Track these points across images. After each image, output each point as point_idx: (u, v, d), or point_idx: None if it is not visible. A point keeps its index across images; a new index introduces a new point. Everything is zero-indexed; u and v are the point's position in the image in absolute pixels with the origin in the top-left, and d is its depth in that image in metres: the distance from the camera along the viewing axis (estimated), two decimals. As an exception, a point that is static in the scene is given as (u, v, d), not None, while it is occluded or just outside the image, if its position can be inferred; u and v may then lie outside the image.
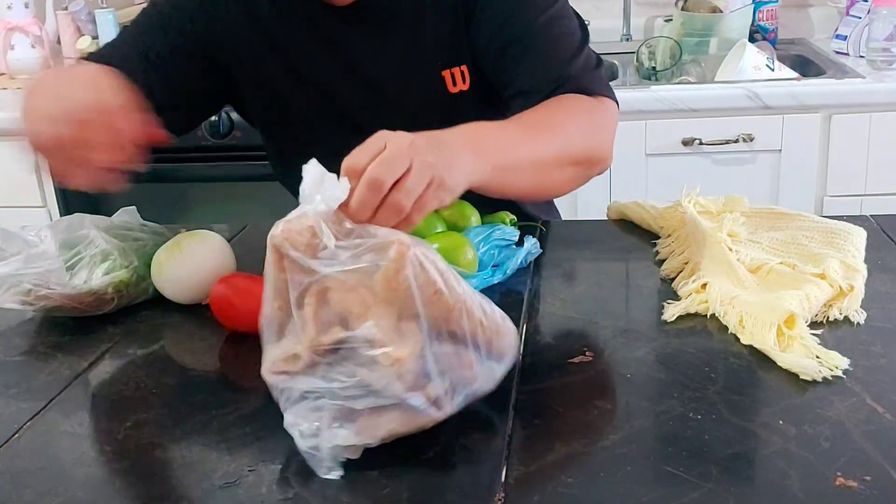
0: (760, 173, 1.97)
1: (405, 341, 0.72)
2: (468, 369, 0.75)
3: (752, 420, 0.77)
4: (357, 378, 0.72)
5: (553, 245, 1.15)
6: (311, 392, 0.73)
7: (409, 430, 0.74)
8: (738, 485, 0.69)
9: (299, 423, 0.73)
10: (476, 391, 0.77)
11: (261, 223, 1.34)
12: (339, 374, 0.72)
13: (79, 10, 2.59)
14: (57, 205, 2.24)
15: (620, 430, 0.76)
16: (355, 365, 0.72)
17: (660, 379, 0.84)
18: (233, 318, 0.98)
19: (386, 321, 0.72)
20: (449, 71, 1.19)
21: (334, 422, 0.72)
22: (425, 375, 0.73)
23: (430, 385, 0.73)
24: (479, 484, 0.70)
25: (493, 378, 0.78)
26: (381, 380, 0.71)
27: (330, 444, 0.72)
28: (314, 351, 0.73)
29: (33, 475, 0.75)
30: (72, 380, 0.91)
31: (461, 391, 0.75)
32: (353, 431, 0.72)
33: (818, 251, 1.03)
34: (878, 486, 0.67)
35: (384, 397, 0.72)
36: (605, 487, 0.69)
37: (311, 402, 0.73)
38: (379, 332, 0.71)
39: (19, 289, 1.00)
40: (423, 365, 0.72)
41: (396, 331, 0.72)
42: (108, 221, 1.11)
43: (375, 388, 0.72)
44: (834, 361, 0.84)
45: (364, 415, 0.73)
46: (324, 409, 0.73)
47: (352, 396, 0.72)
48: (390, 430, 0.73)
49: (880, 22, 2.04)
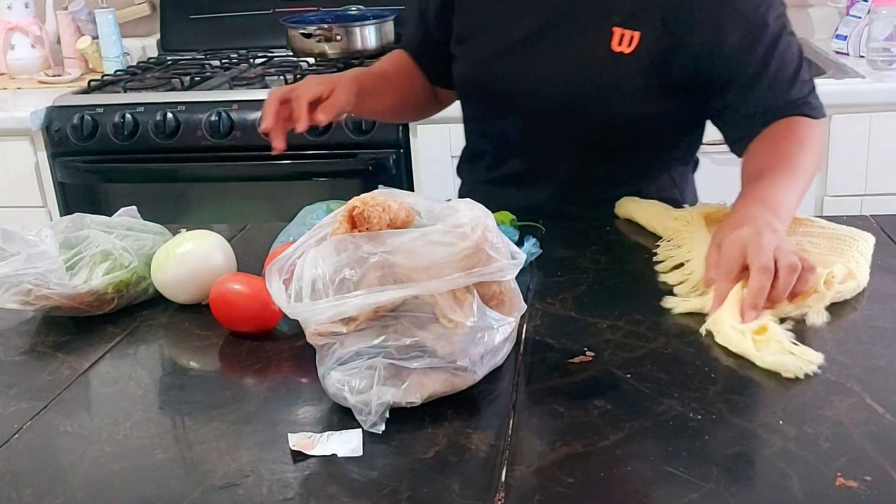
0: (760, 173, 1.97)
1: (462, 309, 0.79)
2: (498, 340, 0.83)
3: (752, 420, 0.77)
4: (416, 339, 0.78)
5: (553, 245, 1.15)
6: (365, 351, 0.79)
7: (448, 391, 0.81)
8: (738, 485, 0.69)
9: (350, 380, 0.79)
10: (498, 362, 0.85)
11: (261, 223, 1.34)
12: (397, 335, 0.78)
13: (79, 10, 2.59)
14: (57, 205, 2.24)
15: (620, 430, 0.76)
16: (415, 327, 0.78)
17: (660, 379, 0.84)
18: (233, 318, 0.98)
19: (446, 289, 0.78)
20: (621, 30, 1.18)
21: (385, 380, 0.78)
22: (472, 341, 0.80)
23: (474, 349, 0.81)
24: (479, 484, 0.70)
25: (505, 353, 0.86)
26: (439, 341, 0.78)
27: (379, 401, 0.77)
28: (375, 312, 0.78)
29: (33, 475, 0.75)
30: (72, 380, 0.91)
31: (490, 359, 0.83)
32: (402, 390, 0.78)
33: (823, 258, 1.03)
34: (878, 486, 0.67)
35: (437, 358, 0.79)
36: (605, 487, 0.69)
37: (364, 361, 0.79)
38: (441, 298, 0.78)
39: (19, 289, 0.99)
40: (471, 332, 0.79)
41: (455, 298, 0.79)
42: (108, 221, 1.11)
43: (431, 349, 0.78)
44: (808, 356, 0.84)
45: (413, 375, 0.79)
46: (376, 368, 0.78)
47: (407, 356, 0.78)
48: (433, 390, 0.80)
49: (880, 22, 2.04)
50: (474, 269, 0.79)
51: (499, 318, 0.82)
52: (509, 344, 0.87)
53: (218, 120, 2.10)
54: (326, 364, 0.81)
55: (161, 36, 2.70)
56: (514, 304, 0.85)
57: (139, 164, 2.18)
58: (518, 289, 0.86)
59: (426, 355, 0.79)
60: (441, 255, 0.78)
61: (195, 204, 2.24)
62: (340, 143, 2.10)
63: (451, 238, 0.78)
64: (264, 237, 1.16)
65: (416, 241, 0.78)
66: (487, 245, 0.80)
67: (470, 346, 0.80)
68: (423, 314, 0.79)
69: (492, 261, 0.80)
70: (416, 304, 0.78)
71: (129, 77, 2.39)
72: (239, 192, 2.21)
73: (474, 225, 0.80)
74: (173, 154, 2.16)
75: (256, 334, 0.97)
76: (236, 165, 2.15)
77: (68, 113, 2.17)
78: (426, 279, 0.77)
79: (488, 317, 0.81)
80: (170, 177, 2.20)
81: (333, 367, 0.81)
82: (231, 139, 2.12)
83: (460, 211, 0.82)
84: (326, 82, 1.22)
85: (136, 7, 2.68)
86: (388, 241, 0.78)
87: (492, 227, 0.81)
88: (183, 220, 2.06)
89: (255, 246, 1.17)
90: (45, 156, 2.21)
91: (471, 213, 0.81)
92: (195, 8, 2.65)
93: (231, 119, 2.11)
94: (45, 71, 2.58)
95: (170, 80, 2.32)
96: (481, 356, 0.82)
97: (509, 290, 0.85)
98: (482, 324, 0.80)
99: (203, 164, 2.16)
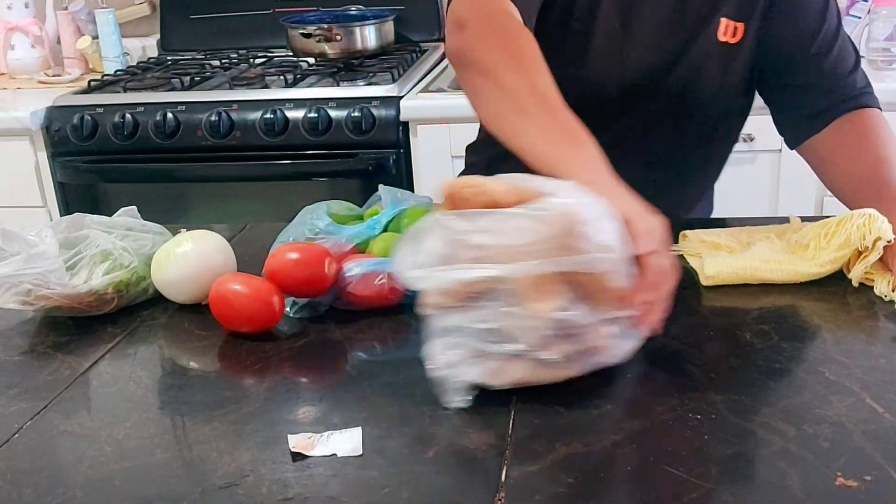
0: (760, 173, 1.97)
1: (548, 299, 0.78)
2: (598, 339, 0.81)
3: (752, 420, 0.77)
4: (497, 324, 0.78)
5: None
6: (455, 329, 0.80)
7: (535, 381, 0.81)
8: (738, 485, 0.69)
9: (439, 355, 0.81)
10: (601, 361, 0.82)
11: (261, 223, 1.34)
12: (481, 318, 0.78)
13: (79, 10, 2.59)
14: (57, 205, 2.24)
15: (620, 430, 0.76)
16: (498, 312, 0.78)
17: (660, 379, 0.84)
18: (233, 318, 0.98)
19: (535, 277, 0.77)
20: (726, 20, 1.19)
21: (468, 360, 0.80)
22: (561, 335, 0.79)
23: (561, 344, 0.79)
24: (479, 484, 0.70)
25: (618, 353, 0.83)
26: (519, 330, 0.78)
27: (461, 379, 0.79)
28: (467, 292, 0.79)
29: (33, 475, 0.75)
30: (72, 380, 0.91)
31: (587, 357, 0.81)
32: (483, 372, 0.79)
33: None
34: (878, 486, 0.67)
35: (520, 346, 0.78)
36: (605, 487, 0.69)
37: (452, 338, 0.80)
38: (525, 285, 0.77)
39: (19, 289, 0.99)
40: (558, 325, 0.78)
41: (542, 288, 0.78)
42: (108, 221, 1.11)
43: (514, 337, 0.78)
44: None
45: (496, 359, 0.79)
46: (462, 347, 0.80)
47: (491, 340, 0.79)
48: (517, 378, 0.80)
49: (880, 22, 2.04)
50: (559, 258, 0.77)
51: (597, 315, 0.80)
52: (621, 342, 0.83)
53: (218, 120, 2.10)
54: (427, 335, 0.83)
55: (161, 36, 2.70)
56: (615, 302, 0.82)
57: (139, 164, 2.18)
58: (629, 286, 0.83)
59: (509, 342, 0.79)
60: (526, 239, 0.77)
61: (195, 204, 2.24)
62: (340, 143, 2.10)
63: (536, 223, 0.77)
64: (264, 237, 1.15)
65: (501, 223, 0.78)
66: (577, 235, 0.77)
67: (557, 339, 0.79)
68: (512, 300, 0.78)
69: (581, 251, 0.77)
70: (505, 290, 0.78)
71: (129, 77, 2.39)
72: (239, 192, 2.21)
73: (564, 212, 0.78)
74: (173, 154, 2.16)
75: (256, 334, 0.97)
76: (236, 165, 2.15)
77: (68, 113, 2.17)
78: (510, 262, 0.77)
79: (583, 311, 0.79)
80: (170, 177, 2.20)
81: (431, 339, 0.83)
82: (231, 139, 2.12)
83: (555, 196, 0.80)
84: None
85: (136, 7, 2.68)
86: (476, 220, 0.78)
87: (589, 216, 0.79)
88: (183, 220, 2.06)
89: (255, 246, 1.17)
90: (45, 156, 2.21)
91: (565, 199, 0.79)
92: (195, 8, 2.66)
93: (231, 119, 2.11)
94: (45, 71, 2.58)
95: (170, 80, 2.32)
96: (576, 352, 0.80)
97: (613, 286, 0.81)
98: (571, 318, 0.78)
99: (203, 164, 2.16)
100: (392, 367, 0.90)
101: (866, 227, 0.98)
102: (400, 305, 1.00)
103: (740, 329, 0.92)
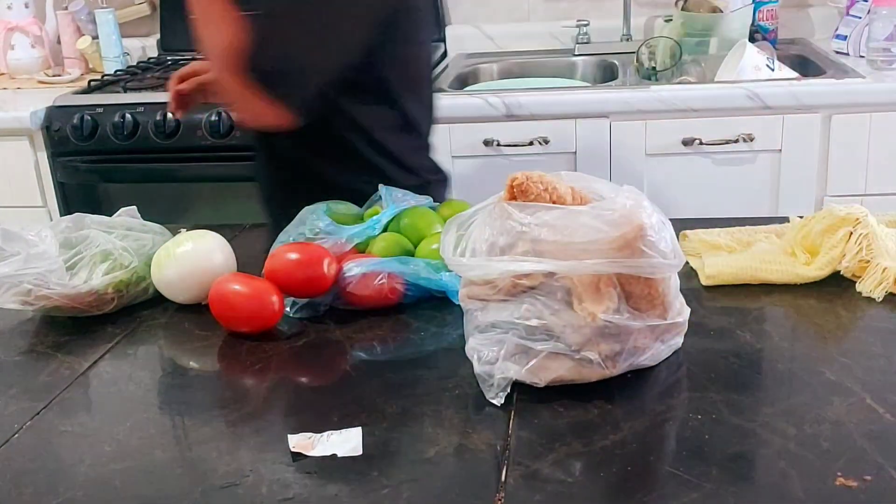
0: (760, 173, 1.97)
1: (600, 299, 0.78)
2: (642, 342, 0.81)
3: (752, 420, 0.77)
4: (545, 322, 0.78)
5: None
6: (499, 324, 0.80)
7: (577, 379, 0.80)
8: (738, 485, 0.69)
9: (480, 350, 0.81)
10: (641, 363, 0.83)
11: (261, 223, 1.34)
12: (529, 315, 0.79)
13: (79, 10, 2.59)
14: (57, 205, 2.24)
15: (620, 430, 0.76)
16: (547, 310, 0.78)
17: (660, 379, 0.84)
18: (232, 318, 0.98)
19: (591, 276, 0.77)
20: None
21: (511, 356, 0.80)
22: (604, 335, 0.79)
23: (606, 344, 0.79)
24: (479, 484, 0.70)
25: (658, 357, 0.84)
26: (566, 328, 0.78)
27: (501, 375, 0.79)
28: (514, 286, 0.79)
29: (33, 475, 0.75)
30: (72, 380, 0.91)
31: (628, 358, 0.81)
32: (526, 369, 0.79)
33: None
34: (878, 486, 0.67)
35: (562, 344, 0.78)
36: (605, 487, 0.69)
37: (496, 334, 0.80)
38: (580, 284, 0.77)
39: (19, 289, 1.00)
40: (605, 325, 0.78)
41: (595, 288, 0.78)
42: (108, 221, 1.11)
43: (558, 335, 0.78)
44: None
45: (539, 357, 0.79)
46: (505, 343, 0.80)
47: (534, 337, 0.79)
48: (559, 376, 0.80)
49: (880, 22, 2.04)
50: (621, 259, 0.77)
51: (644, 320, 0.80)
52: (663, 346, 0.84)
53: (218, 120, 2.10)
54: (468, 329, 0.84)
55: (161, 36, 2.70)
56: (667, 308, 0.82)
57: (139, 164, 2.18)
58: (680, 295, 0.84)
59: (552, 340, 0.79)
60: (588, 238, 0.77)
61: (195, 204, 2.24)
62: (340, 143, 2.09)
63: (600, 223, 0.77)
64: (264, 237, 1.16)
65: (564, 220, 0.78)
66: (641, 239, 0.77)
67: (600, 339, 0.79)
68: (559, 299, 0.78)
69: (643, 256, 0.77)
70: (554, 288, 0.78)
71: (129, 77, 2.39)
72: (239, 192, 2.21)
73: (629, 215, 0.77)
74: (173, 154, 2.16)
75: (256, 334, 0.97)
76: (236, 165, 2.14)
77: (68, 113, 2.17)
78: (566, 259, 0.77)
79: (630, 315, 0.79)
80: (169, 177, 2.20)
81: (472, 333, 0.83)
82: (231, 139, 2.12)
83: (619, 199, 0.80)
84: None
85: (136, 7, 2.67)
86: (539, 214, 0.78)
87: (653, 222, 0.78)
88: (183, 220, 2.06)
89: (255, 246, 1.17)
90: (45, 156, 2.21)
91: (629, 202, 0.79)
92: (195, 8, 2.65)
93: (231, 119, 2.11)
94: (45, 71, 2.58)
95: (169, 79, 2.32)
96: (617, 353, 0.80)
97: (665, 292, 0.81)
98: (619, 321, 0.78)
99: (203, 164, 2.16)
100: (392, 367, 0.90)
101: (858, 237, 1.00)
102: (400, 305, 1.00)
103: (740, 329, 0.92)
